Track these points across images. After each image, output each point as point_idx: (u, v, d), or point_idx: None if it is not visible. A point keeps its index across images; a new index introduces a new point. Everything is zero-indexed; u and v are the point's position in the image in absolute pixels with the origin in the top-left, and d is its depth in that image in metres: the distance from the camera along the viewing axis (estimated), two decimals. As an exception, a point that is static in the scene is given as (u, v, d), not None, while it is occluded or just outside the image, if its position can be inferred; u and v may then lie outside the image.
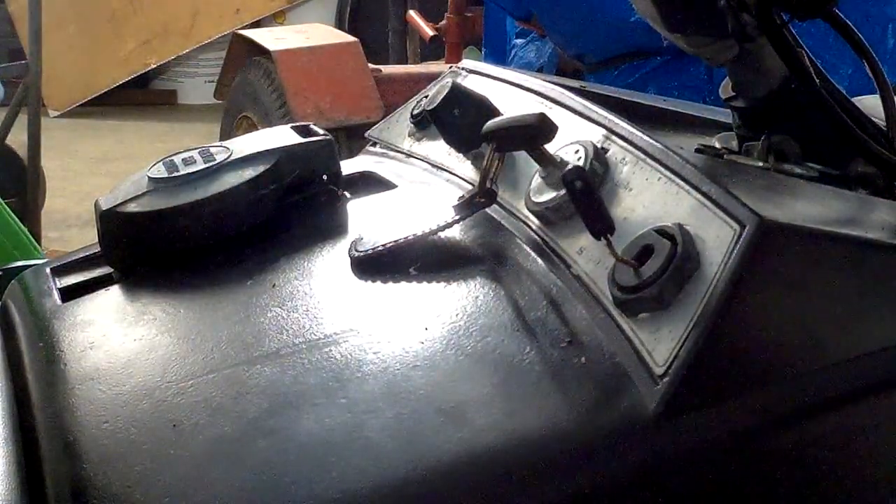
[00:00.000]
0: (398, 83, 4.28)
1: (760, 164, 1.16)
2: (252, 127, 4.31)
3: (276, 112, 4.17)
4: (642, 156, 1.00)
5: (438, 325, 0.95)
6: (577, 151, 1.04)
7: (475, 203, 1.07)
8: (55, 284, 1.18)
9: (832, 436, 0.89)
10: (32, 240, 3.28)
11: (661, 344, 0.85)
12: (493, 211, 1.09)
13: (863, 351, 0.90)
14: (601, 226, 0.91)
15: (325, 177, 1.23)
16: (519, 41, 4.35)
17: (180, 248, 1.14)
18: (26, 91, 4.68)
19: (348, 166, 1.33)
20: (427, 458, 0.82)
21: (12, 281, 1.24)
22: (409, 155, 1.33)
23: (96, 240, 1.20)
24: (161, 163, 1.20)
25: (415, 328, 0.96)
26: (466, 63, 1.38)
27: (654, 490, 0.84)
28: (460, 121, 1.18)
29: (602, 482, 0.83)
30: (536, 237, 1.04)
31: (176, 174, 1.17)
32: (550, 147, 1.04)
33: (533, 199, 1.05)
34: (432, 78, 1.41)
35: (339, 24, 7.54)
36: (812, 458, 0.89)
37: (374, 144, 1.43)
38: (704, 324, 0.84)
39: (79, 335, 1.05)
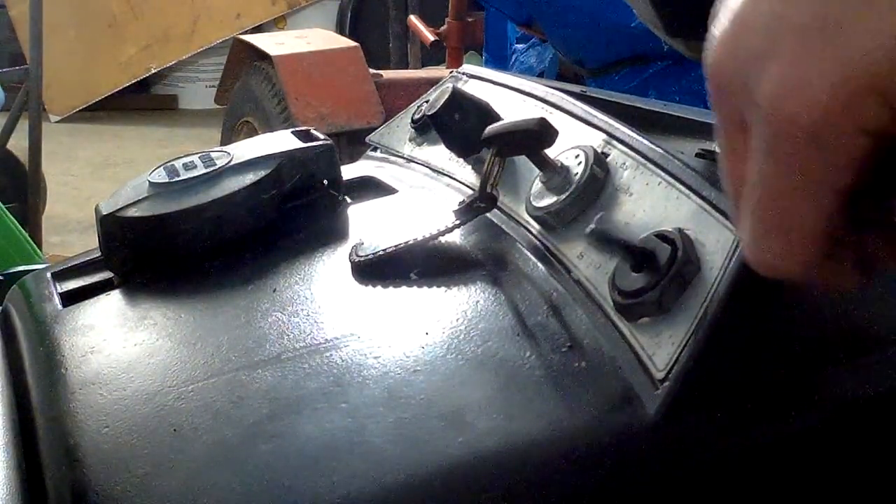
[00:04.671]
0: (399, 88, 4.29)
1: (761, 168, 1.16)
2: (253, 132, 4.31)
3: (277, 117, 4.18)
4: (643, 160, 1.00)
5: (439, 329, 0.95)
6: (577, 156, 1.04)
7: (475, 208, 1.07)
8: (56, 289, 1.18)
9: (834, 441, 0.89)
10: (33, 244, 3.29)
11: (661, 348, 0.85)
12: (493, 216, 1.10)
13: (866, 355, 0.90)
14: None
15: (325, 182, 1.23)
16: (520, 46, 4.35)
17: (181, 252, 1.15)
18: (27, 96, 4.69)
19: (349, 171, 1.33)
20: (428, 462, 0.82)
21: (13, 286, 1.24)
22: (410, 160, 1.33)
23: (97, 244, 1.20)
24: (162, 167, 1.20)
25: (415, 333, 0.96)
26: (467, 68, 1.39)
27: (654, 495, 0.84)
28: (461, 125, 1.18)
29: (602, 486, 0.83)
30: (537, 242, 1.04)
31: (177, 179, 1.17)
32: (551, 152, 1.04)
33: (533, 203, 1.05)
34: (433, 83, 1.41)
35: (340, 30, 7.56)
36: (814, 463, 0.89)
37: (375, 149, 1.43)
38: (705, 328, 0.84)
39: (79, 340, 1.05)
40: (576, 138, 1.07)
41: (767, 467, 0.86)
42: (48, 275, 1.23)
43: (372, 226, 1.19)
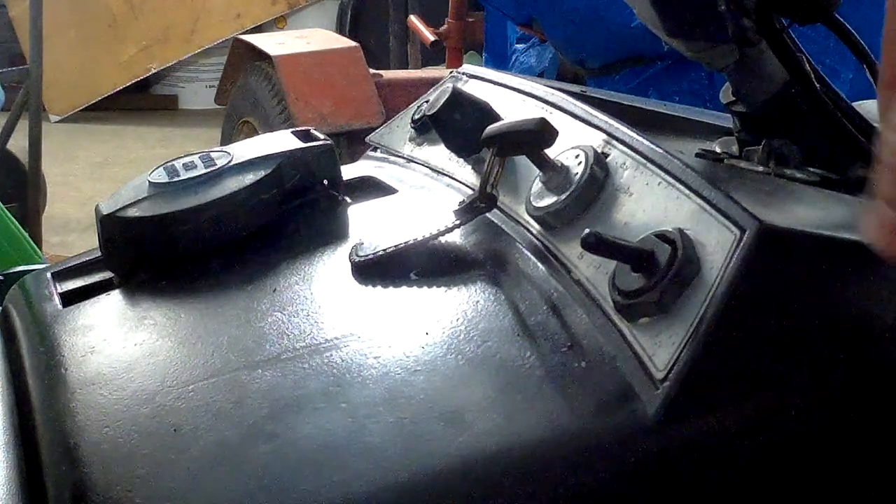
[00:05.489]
0: (399, 88, 4.29)
1: (761, 168, 1.16)
2: (253, 132, 4.31)
3: (277, 117, 4.17)
4: (643, 160, 1.00)
5: (439, 329, 0.96)
6: (577, 156, 1.04)
7: (476, 208, 1.07)
8: (56, 289, 1.18)
9: (834, 441, 0.89)
10: (33, 244, 3.28)
11: (661, 348, 0.85)
12: (493, 216, 1.10)
13: (864, 356, 0.90)
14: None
15: (325, 182, 1.24)
16: (520, 46, 4.35)
17: (181, 252, 1.15)
18: (27, 96, 4.69)
19: (349, 171, 1.33)
20: (427, 462, 0.82)
21: (13, 286, 1.24)
22: (410, 160, 1.34)
23: (97, 244, 1.20)
24: (162, 167, 1.20)
25: (415, 333, 0.96)
26: (467, 68, 1.39)
27: (653, 495, 0.84)
28: (461, 125, 1.18)
29: (602, 486, 0.83)
30: (537, 242, 1.04)
31: (177, 179, 1.17)
32: (551, 152, 1.04)
33: (533, 203, 1.05)
34: (433, 83, 1.41)
35: (340, 30, 7.55)
36: (813, 462, 0.89)
37: (375, 149, 1.43)
38: (705, 328, 0.84)
39: (79, 340, 1.05)
40: (576, 138, 1.07)
41: (767, 466, 0.86)
42: (48, 275, 1.23)
43: (372, 226, 1.19)
